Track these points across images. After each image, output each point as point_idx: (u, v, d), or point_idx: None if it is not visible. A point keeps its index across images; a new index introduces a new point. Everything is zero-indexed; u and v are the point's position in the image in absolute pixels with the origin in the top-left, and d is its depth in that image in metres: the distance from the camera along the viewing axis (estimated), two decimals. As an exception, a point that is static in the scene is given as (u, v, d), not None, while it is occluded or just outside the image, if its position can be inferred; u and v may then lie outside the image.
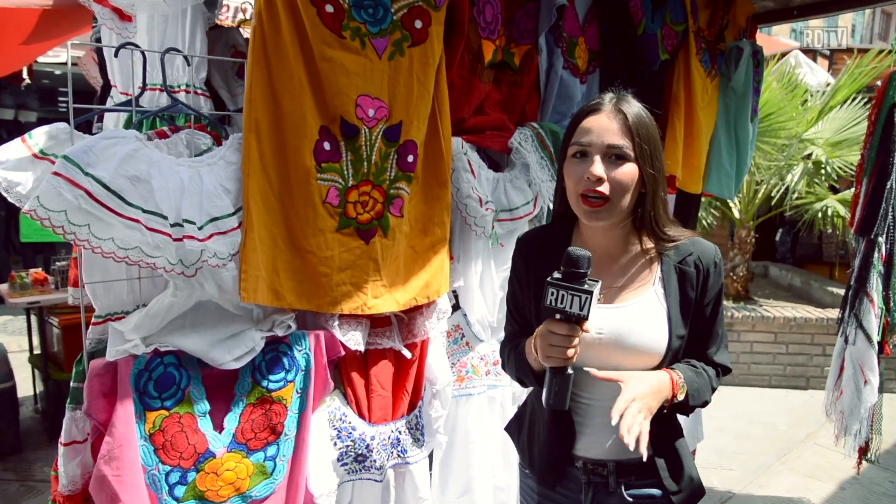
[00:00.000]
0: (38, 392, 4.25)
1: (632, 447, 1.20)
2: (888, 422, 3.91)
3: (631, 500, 1.43)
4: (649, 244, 1.42)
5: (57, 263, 4.02)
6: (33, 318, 4.18)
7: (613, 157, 1.32)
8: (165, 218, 1.34)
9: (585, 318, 1.19)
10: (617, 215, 1.35)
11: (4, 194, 1.33)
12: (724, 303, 5.33)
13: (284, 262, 1.58)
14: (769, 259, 7.59)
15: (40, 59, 5.01)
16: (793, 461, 3.92)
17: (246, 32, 3.08)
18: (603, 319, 1.37)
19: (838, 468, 3.77)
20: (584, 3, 2.35)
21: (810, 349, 5.06)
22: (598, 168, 1.30)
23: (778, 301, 5.68)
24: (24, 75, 5.22)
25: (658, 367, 1.38)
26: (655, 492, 1.44)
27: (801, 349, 5.08)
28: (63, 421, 1.53)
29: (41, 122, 8.44)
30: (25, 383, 3.84)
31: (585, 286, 1.19)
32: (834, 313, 5.02)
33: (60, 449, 1.50)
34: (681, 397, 1.34)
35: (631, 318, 1.38)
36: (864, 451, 3.10)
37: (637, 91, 1.44)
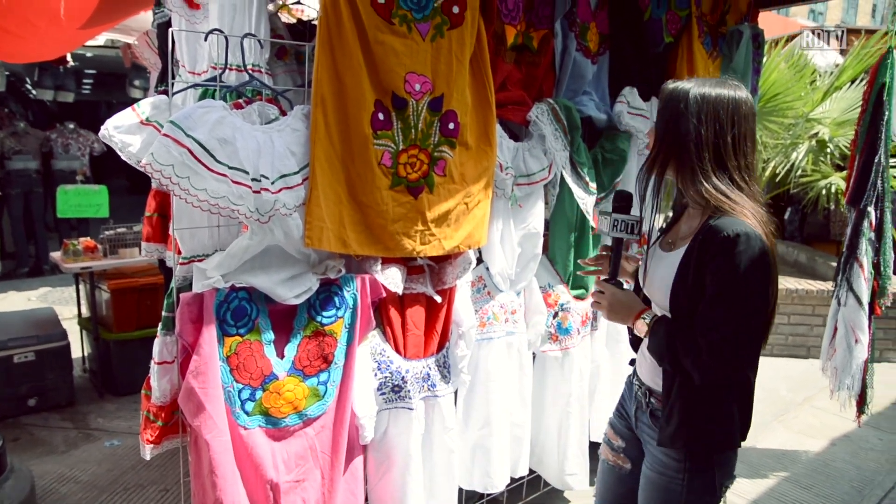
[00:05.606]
0: (86, 354, 4.58)
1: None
2: (882, 388, 4.15)
3: (646, 422, 1.72)
4: (697, 212, 1.60)
5: (105, 233, 4.32)
6: (82, 285, 4.50)
7: None
8: (247, 173, 1.62)
9: (638, 236, 1.67)
10: (654, 168, 1.61)
11: (119, 153, 1.61)
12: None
13: (349, 216, 1.87)
14: (777, 237, 7.73)
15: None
16: (789, 421, 4.16)
17: (284, 17, 3.35)
18: (650, 261, 1.70)
19: (832, 427, 4.00)
20: (596, -9, 2.59)
21: (811, 320, 5.27)
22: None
23: (782, 276, 5.88)
24: (68, 58, 5.55)
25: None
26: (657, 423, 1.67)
27: (802, 319, 5.29)
28: (153, 344, 1.83)
29: (77, 103, 8.75)
30: (72, 346, 4.12)
31: (631, 215, 1.65)
32: (834, 286, 5.22)
33: (153, 367, 1.80)
34: (639, 331, 1.62)
35: (659, 266, 1.65)
36: (860, 404, 3.35)
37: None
